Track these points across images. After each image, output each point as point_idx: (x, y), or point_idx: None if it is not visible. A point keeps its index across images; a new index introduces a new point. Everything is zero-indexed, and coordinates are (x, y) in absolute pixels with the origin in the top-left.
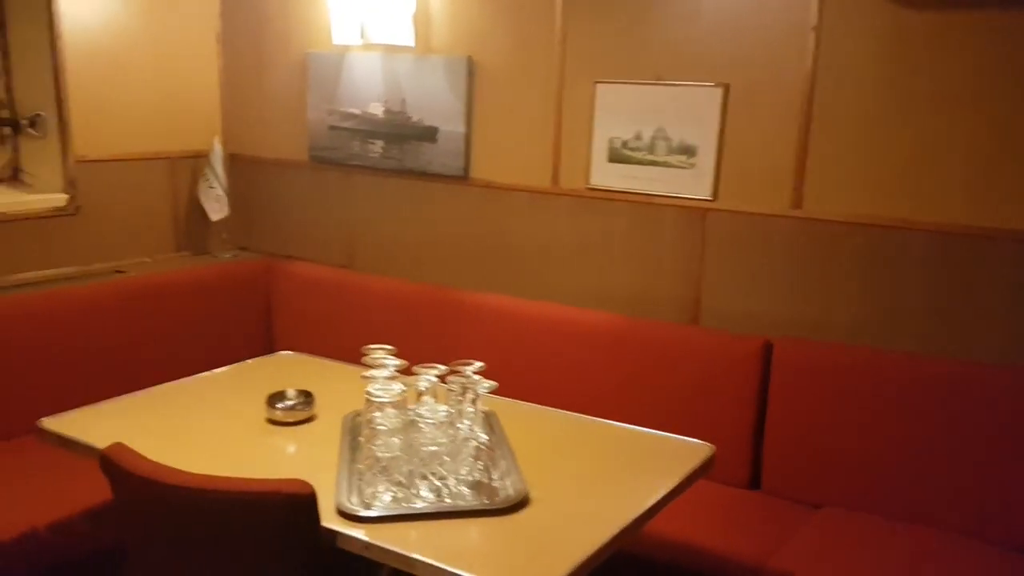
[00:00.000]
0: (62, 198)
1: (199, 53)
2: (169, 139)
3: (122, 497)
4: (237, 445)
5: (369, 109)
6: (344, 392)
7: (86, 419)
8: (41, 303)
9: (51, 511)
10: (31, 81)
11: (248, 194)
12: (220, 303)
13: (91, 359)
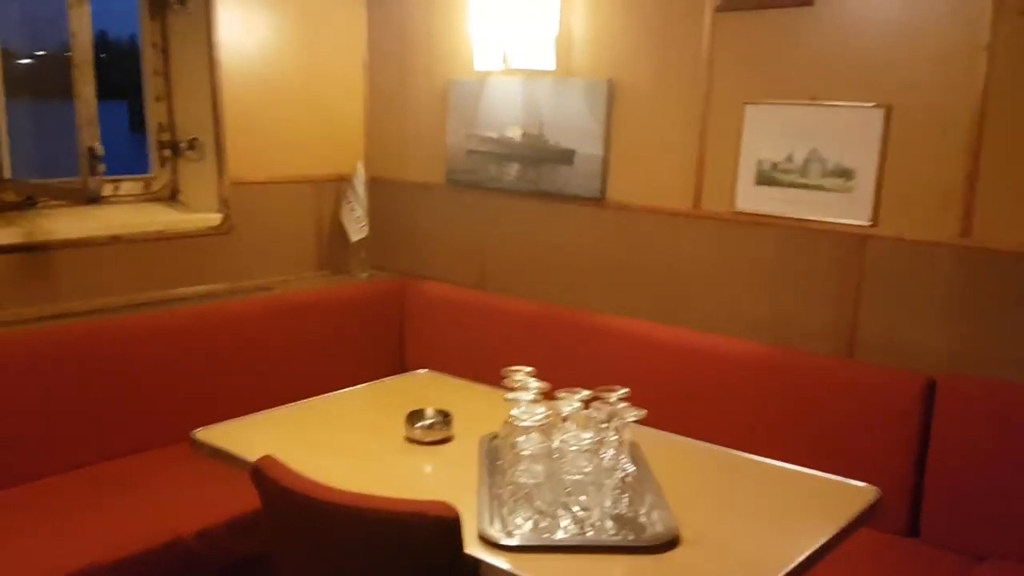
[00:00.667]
0: (216, 218)
1: (346, 81)
2: (315, 163)
3: (270, 509)
4: (377, 462)
5: (507, 133)
6: (480, 413)
7: (235, 431)
8: (194, 318)
9: (197, 519)
10: (191, 106)
11: (386, 216)
12: (357, 321)
13: (238, 372)
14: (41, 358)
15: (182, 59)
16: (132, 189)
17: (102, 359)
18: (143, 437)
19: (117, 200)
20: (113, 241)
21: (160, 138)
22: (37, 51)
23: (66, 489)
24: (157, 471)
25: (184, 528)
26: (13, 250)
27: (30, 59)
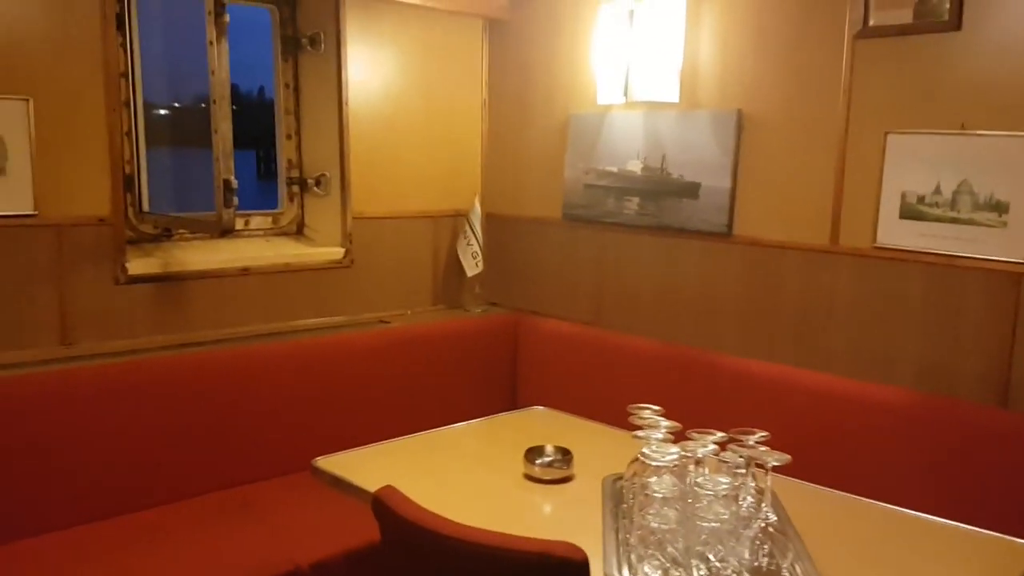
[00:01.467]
0: (339, 252)
1: (466, 118)
2: (434, 198)
3: (389, 539)
4: (495, 498)
5: (627, 166)
6: (601, 452)
7: (354, 460)
8: (316, 348)
9: (315, 550)
10: (318, 143)
11: (501, 251)
12: (471, 355)
13: (357, 402)
14: (173, 384)
15: (312, 98)
16: (261, 224)
17: (229, 387)
18: (266, 464)
19: (247, 234)
20: (243, 273)
21: (289, 174)
22: (176, 103)
23: (192, 513)
24: (278, 499)
25: (302, 558)
26: (150, 279)
27: (169, 110)
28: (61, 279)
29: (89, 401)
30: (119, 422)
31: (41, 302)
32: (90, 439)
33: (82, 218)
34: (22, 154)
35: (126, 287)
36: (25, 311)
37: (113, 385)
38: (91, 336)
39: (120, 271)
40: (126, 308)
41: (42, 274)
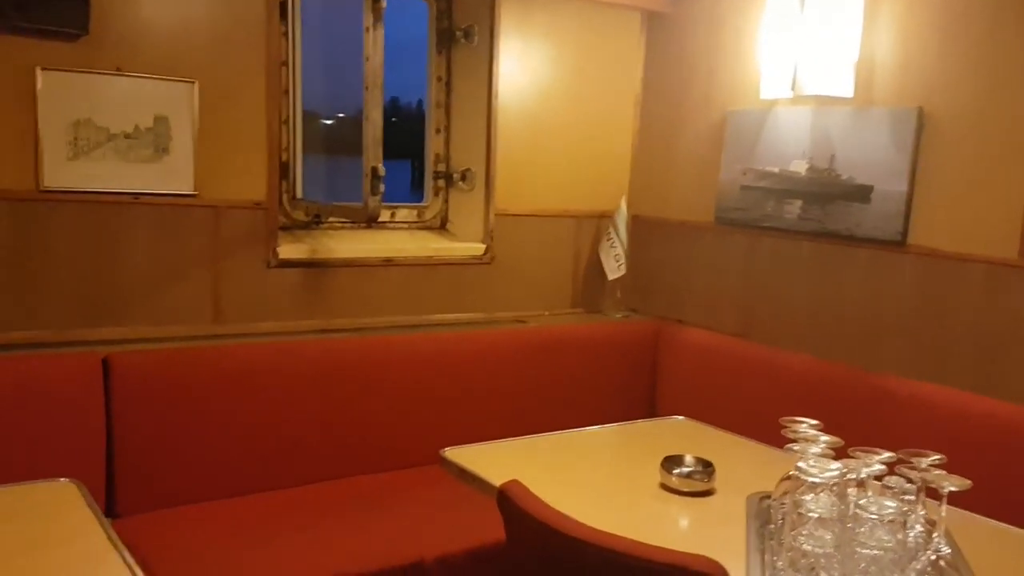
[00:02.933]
0: (480, 248)
1: (616, 116)
2: (578, 197)
3: (514, 536)
4: (626, 506)
5: (790, 167)
6: (745, 468)
7: (483, 454)
8: (452, 343)
9: (439, 545)
10: (466, 137)
11: (646, 255)
12: (607, 361)
13: (488, 400)
14: (314, 368)
15: (462, 92)
16: (407, 216)
17: (367, 375)
18: (397, 454)
19: (392, 226)
20: (385, 264)
21: (436, 168)
22: (334, 100)
23: (323, 497)
24: (405, 491)
25: (426, 552)
26: (298, 265)
27: (329, 120)
28: (216, 259)
29: (237, 378)
30: (262, 400)
31: (197, 280)
32: (235, 415)
33: (239, 201)
34: (185, 135)
35: (276, 271)
36: (183, 288)
37: (259, 365)
38: (241, 316)
39: (271, 255)
40: (274, 291)
41: (199, 253)
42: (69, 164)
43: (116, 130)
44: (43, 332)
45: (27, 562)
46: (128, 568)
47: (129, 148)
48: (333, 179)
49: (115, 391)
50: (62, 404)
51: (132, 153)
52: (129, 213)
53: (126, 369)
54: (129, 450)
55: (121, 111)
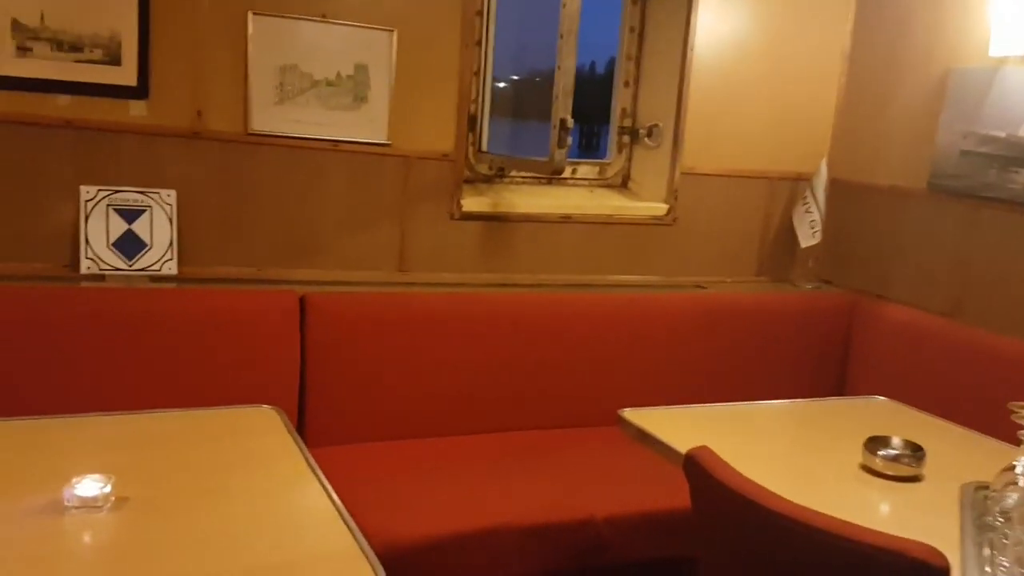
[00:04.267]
0: (663, 208)
1: (820, 73)
2: (772, 158)
3: (702, 505)
4: (822, 484)
5: (1019, 132)
6: (958, 455)
7: (662, 418)
8: (628, 305)
9: (610, 505)
10: (656, 92)
11: (844, 222)
12: (794, 334)
13: (664, 364)
14: (492, 321)
15: (655, 44)
16: (588, 173)
17: (542, 331)
18: (568, 412)
19: (573, 183)
20: (564, 220)
21: (622, 123)
22: (517, 76)
23: (494, 448)
24: (576, 448)
25: (596, 511)
26: (480, 218)
27: (515, 82)
28: (404, 208)
29: (420, 325)
30: (442, 349)
31: (385, 228)
32: (416, 360)
33: (428, 152)
34: (382, 84)
35: (459, 223)
36: (372, 235)
37: (440, 314)
38: (423, 266)
39: (456, 206)
40: (456, 243)
41: (389, 202)
42: (275, 108)
43: (319, 76)
44: (247, 269)
45: (232, 480)
46: (325, 492)
47: (331, 95)
48: (513, 139)
49: (310, 328)
50: (262, 337)
51: (333, 100)
52: (327, 159)
53: (320, 309)
54: (319, 385)
55: (324, 58)
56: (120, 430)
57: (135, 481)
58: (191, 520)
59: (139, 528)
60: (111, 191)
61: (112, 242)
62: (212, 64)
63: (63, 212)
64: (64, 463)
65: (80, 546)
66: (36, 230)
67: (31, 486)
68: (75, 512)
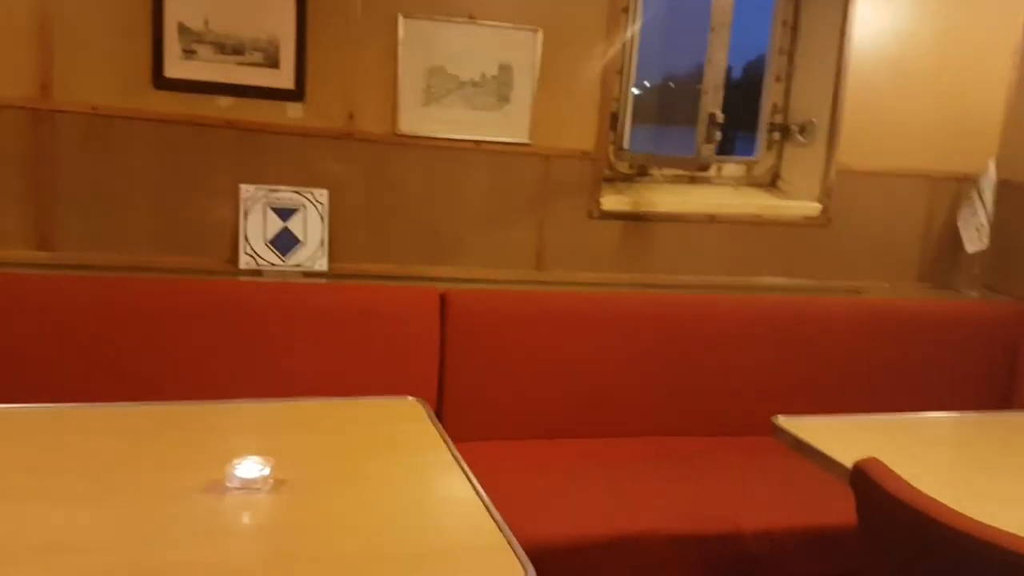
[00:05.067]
0: (815, 208)
1: (989, 68)
2: (934, 156)
3: (870, 522)
4: (1001, 501)
5: None
6: None
7: (821, 428)
8: (776, 309)
9: (758, 518)
10: (810, 86)
11: (1013, 227)
12: (956, 343)
13: (816, 374)
14: (630, 322)
15: (811, 37)
16: (734, 172)
17: (684, 334)
18: (711, 419)
19: (718, 182)
20: (708, 220)
21: (772, 120)
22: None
23: (634, 452)
24: (720, 456)
25: (744, 523)
26: (620, 217)
27: (657, 86)
28: (542, 207)
29: (557, 324)
30: (579, 348)
31: (524, 226)
32: (553, 359)
33: (568, 150)
34: (525, 84)
35: (597, 222)
36: (511, 233)
37: (578, 313)
38: (561, 264)
39: (594, 205)
40: (594, 242)
41: (528, 201)
42: (422, 110)
43: (465, 78)
44: (390, 266)
45: (381, 466)
46: (470, 484)
47: (475, 95)
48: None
49: (449, 325)
50: (405, 332)
51: (477, 100)
52: (470, 159)
53: (460, 305)
54: (458, 380)
55: (470, 59)
56: (277, 415)
57: (291, 464)
58: (344, 505)
59: (296, 510)
60: (268, 190)
61: (269, 239)
62: (364, 67)
63: (224, 209)
64: (226, 445)
65: (240, 525)
66: (199, 226)
67: (196, 466)
68: (236, 492)
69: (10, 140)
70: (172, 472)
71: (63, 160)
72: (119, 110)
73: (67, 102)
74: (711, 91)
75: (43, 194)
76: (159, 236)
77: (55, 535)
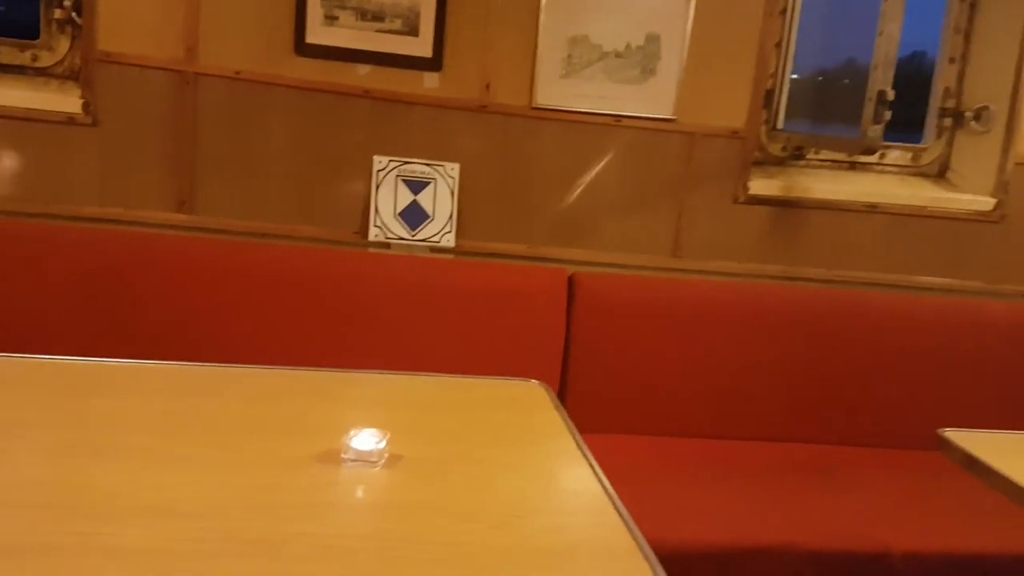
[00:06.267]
0: (988, 202)
1: None
2: None
3: None
4: None
5: None
6: None
7: (996, 443)
8: (943, 312)
9: (909, 539)
10: (988, 68)
11: None
12: None
13: (985, 382)
14: (777, 317)
15: (990, 16)
16: (898, 159)
17: (837, 332)
18: (860, 428)
19: (879, 169)
20: (868, 210)
21: (944, 104)
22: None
23: (772, 458)
24: (871, 470)
25: (894, 544)
26: (768, 203)
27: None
28: (684, 189)
29: (693, 315)
30: (716, 343)
31: (662, 209)
32: (687, 353)
33: (715, 128)
34: (673, 56)
35: (743, 207)
36: (647, 216)
37: (717, 304)
38: (700, 252)
39: (741, 189)
40: (739, 229)
41: (668, 182)
42: (560, 82)
43: (608, 48)
44: (518, 245)
45: (500, 451)
46: (596, 476)
47: (618, 67)
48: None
49: (576, 309)
50: (529, 314)
51: (619, 73)
52: (608, 135)
53: (589, 289)
54: (582, 367)
55: (616, 28)
56: (395, 389)
57: (408, 441)
58: (462, 488)
59: (410, 489)
60: (401, 162)
61: (399, 211)
62: (503, 36)
63: (356, 180)
64: (343, 416)
65: (354, 499)
66: (332, 196)
67: (312, 434)
68: (351, 464)
69: (156, 102)
70: (287, 439)
71: (204, 124)
72: (260, 75)
73: (211, 66)
74: (881, 67)
75: (184, 157)
76: (292, 204)
77: (160, 497)
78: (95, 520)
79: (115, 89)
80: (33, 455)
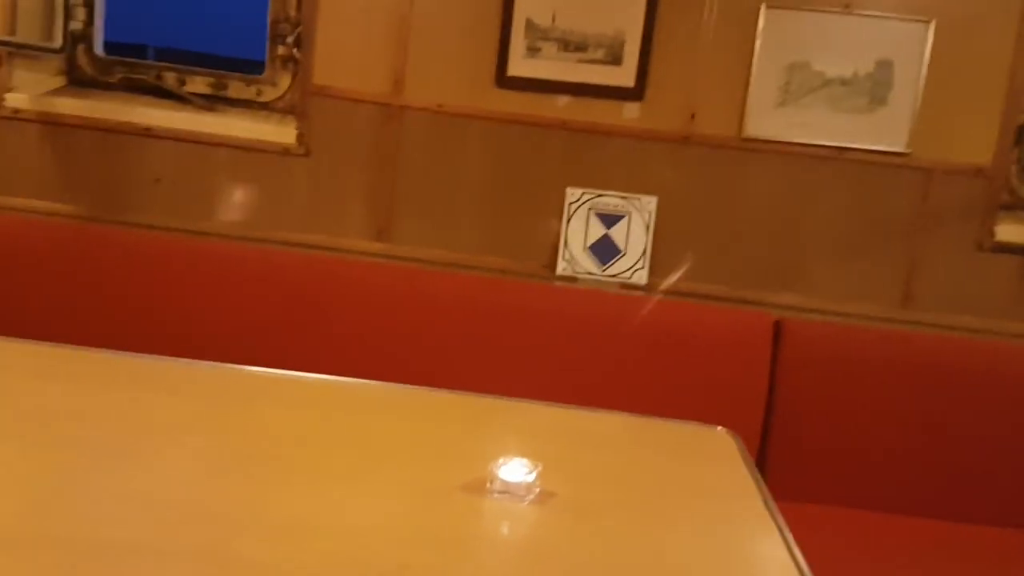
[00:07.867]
0: None
1: None
2: None
3: None
4: None
5: None
6: None
7: None
8: None
9: None
10: None
11: None
12: None
13: None
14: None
15: None
16: None
17: None
18: None
19: None
20: None
21: None
22: None
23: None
24: None
25: None
26: (1020, 251)
27: None
28: (917, 232)
29: (921, 373)
30: (945, 406)
31: (890, 253)
32: (911, 417)
33: (956, 165)
34: (908, 84)
35: (987, 255)
36: (871, 260)
37: (951, 364)
38: (936, 304)
39: (986, 235)
40: (981, 279)
41: (898, 223)
42: (775, 111)
43: (832, 75)
44: (718, 286)
45: (672, 502)
46: (786, 545)
47: (843, 96)
48: None
49: (782, 359)
50: (728, 358)
51: (845, 102)
52: (828, 169)
53: (798, 337)
54: (786, 423)
55: (842, 54)
56: (552, 421)
57: (562, 477)
58: (622, 537)
59: (562, 531)
60: (595, 195)
61: (589, 245)
62: (713, 63)
63: (547, 212)
64: (498, 444)
65: (498, 535)
66: (522, 228)
67: (459, 461)
68: (497, 497)
69: (363, 133)
70: (435, 462)
71: (405, 155)
72: (461, 108)
73: (416, 99)
74: None
75: (384, 187)
76: (482, 235)
77: (300, 514)
78: (227, 529)
79: (326, 121)
80: (183, 460)
